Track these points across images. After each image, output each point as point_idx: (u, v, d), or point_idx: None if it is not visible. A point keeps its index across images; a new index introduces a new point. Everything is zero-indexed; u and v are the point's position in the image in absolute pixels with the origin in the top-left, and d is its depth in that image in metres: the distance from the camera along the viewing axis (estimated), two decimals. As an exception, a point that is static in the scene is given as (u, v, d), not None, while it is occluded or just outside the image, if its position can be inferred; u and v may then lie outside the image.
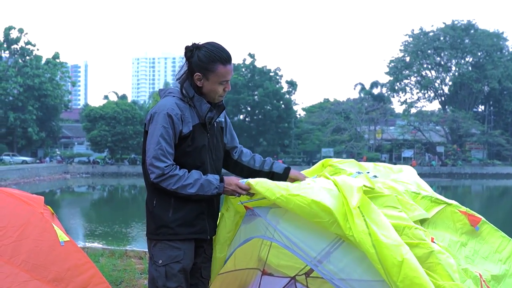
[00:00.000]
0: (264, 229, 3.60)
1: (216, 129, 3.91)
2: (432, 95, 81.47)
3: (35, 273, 4.10)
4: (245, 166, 4.09)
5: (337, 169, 4.00)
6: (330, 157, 39.90)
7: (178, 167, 3.64)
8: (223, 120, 4.05)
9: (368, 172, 4.04)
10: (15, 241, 4.20)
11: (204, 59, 3.69)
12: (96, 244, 14.54)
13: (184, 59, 3.81)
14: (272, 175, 3.96)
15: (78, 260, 4.42)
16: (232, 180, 3.68)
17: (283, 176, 3.98)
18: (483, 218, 3.81)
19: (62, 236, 4.44)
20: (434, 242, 3.31)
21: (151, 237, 3.78)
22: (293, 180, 3.90)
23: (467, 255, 3.59)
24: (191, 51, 3.75)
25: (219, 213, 3.96)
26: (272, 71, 77.70)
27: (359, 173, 3.96)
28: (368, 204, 3.27)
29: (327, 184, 3.45)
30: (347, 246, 3.22)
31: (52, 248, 4.32)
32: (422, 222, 3.57)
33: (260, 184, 3.52)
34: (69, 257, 4.37)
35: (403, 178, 4.00)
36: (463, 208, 3.82)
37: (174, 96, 3.78)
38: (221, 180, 3.67)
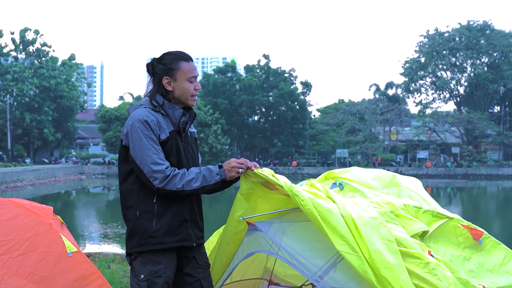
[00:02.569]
0: (267, 245, 3.63)
1: (191, 138, 3.93)
2: (447, 96, 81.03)
3: (42, 284, 4.16)
4: None
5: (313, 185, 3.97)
6: (345, 158, 39.62)
7: (175, 167, 3.68)
8: (195, 131, 4.07)
9: (341, 184, 4.08)
10: (22, 254, 4.26)
11: (167, 62, 3.81)
12: (108, 248, 14.59)
13: (148, 76, 3.90)
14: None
15: (86, 270, 4.47)
16: (230, 161, 3.71)
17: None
18: (485, 232, 3.82)
19: (70, 247, 4.49)
20: (431, 255, 3.34)
21: (134, 250, 3.74)
22: None
23: (471, 268, 3.61)
24: (152, 65, 3.87)
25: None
26: (286, 72, 77.53)
27: (334, 184, 4.01)
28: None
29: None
30: (347, 262, 3.24)
31: (60, 260, 4.37)
32: (423, 236, 3.59)
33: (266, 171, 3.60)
34: (76, 268, 4.42)
35: (405, 193, 4.01)
36: (465, 222, 3.83)
37: (145, 107, 3.79)
38: (220, 167, 3.70)
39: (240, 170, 3.66)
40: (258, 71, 76.98)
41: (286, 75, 76.98)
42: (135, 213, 3.73)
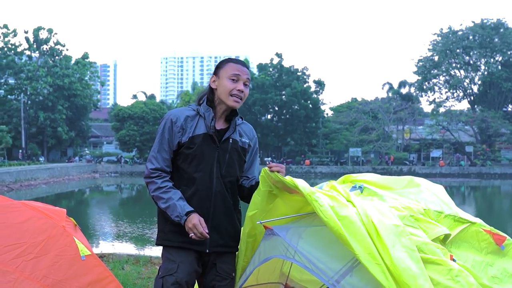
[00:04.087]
0: (284, 249, 3.55)
1: (231, 146, 3.87)
2: (461, 94, 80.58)
3: (55, 288, 4.10)
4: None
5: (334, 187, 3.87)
6: (358, 156, 39.50)
7: (166, 176, 3.76)
8: (247, 141, 4.00)
9: (361, 187, 3.99)
10: (35, 257, 4.20)
11: (219, 63, 3.91)
12: (122, 248, 14.55)
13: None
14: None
15: (99, 274, 4.41)
16: (194, 218, 3.61)
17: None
18: (508, 237, 3.73)
19: (84, 250, 4.43)
20: (454, 260, 3.25)
21: (156, 243, 3.90)
22: None
23: (495, 274, 3.51)
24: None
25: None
26: (299, 70, 77.37)
27: (354, 187, 3.93)
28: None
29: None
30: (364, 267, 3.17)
31: (73, 263, 4.32)
32: (444, 240, 3.50)
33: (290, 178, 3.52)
34: (90, 271, 4.36)
35: (426, 196, 3.91)
36: (488, 227, 3.73)
37: (189, 106, 3.90)
38: (188, 213, 3.63)
39: (191, 234, 3.59)
40: (271, 69, 76.93)
41: (299, 73, 76.83)
42: (159, 208, 3.82)
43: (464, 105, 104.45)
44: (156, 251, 11.54)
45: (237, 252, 3.97)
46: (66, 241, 4.41)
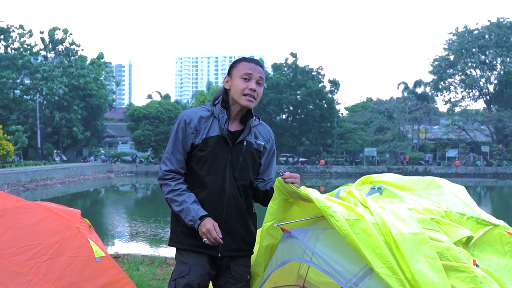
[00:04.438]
0: (301, 252, 3.47)
1: (246, 148, 3.79)
2: (477, 94, 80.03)
3: (69, 290, 4.06)
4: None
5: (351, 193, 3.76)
6: (373, 156, 39.18)
7: (180, 178, 3.70)
8: (263, 143, 3.90)
9: (380, 188, 3.89)
10: (50, 258, 4.17)
11: (232, 63, 3.82)
12: (137, 248, 14.51)
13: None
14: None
15: (114, 276, 4.37)
16: (208, 223, 3.54)
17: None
18: (532, 240, 3.62)
19: (98, 252, 4.39)
20: (477, 265, 3.16)
21: (169, 245, 3.86)
22: None
23: (520, 278, 3.42)
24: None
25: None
26: (314, 70, 77.19)
27: (372, 188, 3.84)
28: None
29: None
30: None
31: (87, 265, 4.28)
32: (467, 243, 3.40)
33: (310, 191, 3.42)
34: (104, 273, 4.32)
35: (447, 198, 3.80)
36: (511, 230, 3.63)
37: (203, 107, 3.82)
38: (202, 218, 3.56)
39: (205, 239, 3.53)
40: (285, 69, 76.84)
41: (314, 73, 76.67)
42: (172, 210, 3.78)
43: (480, 104, 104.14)
44: (171, 252, 11.47)
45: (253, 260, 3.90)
46: (81, 243, 4.38)
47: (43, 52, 74.08)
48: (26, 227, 4.31)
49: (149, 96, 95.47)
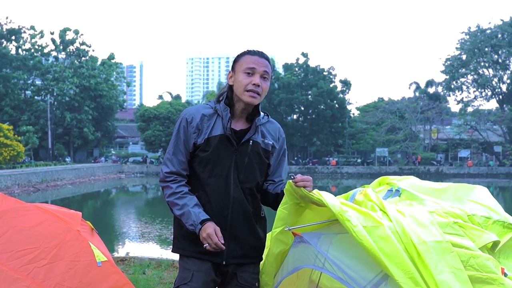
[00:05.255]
0: (313, 258, 3.25)
1: (251, 148, 3.53)
2: (490, 93, 79.50)
3: (69, 297, 3.86)
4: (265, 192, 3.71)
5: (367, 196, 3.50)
6: (385, 157, 38.72)
7: (182, 181, 3.49)
8: (271, 142, 3.63)
9: (398, 190, 3.63)
10: (49, 263, 3.98)
11: (236, 57, 3.59)
12: (144, 251, 14.28)
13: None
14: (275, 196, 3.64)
15: (116, 282, 4.16)
16: (209, 227, 3.31)
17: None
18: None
19: (100, 256, 4.18)
20: (505, 274, 2.93)
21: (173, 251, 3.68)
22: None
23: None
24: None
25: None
26: (325, 70, 77.03)
27: (390, 191, 3.58)
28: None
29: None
30: None
31: (88, 270, 4.08)
32: (493, 248, 3.16)
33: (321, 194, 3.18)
34: (106, 279, 4.12)
35: (474, 197, 3.55)
36: (541, 235, 3.38)
37: (206, 104, 3.58)
38: (203, 222, 3.33)
39: (206, 245, 3.30)
40: (296, 69, 76.70)
41: (325, 73, 76.52)
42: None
43: (493, 104, 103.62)
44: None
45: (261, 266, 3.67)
46: (81, 246, 4.17)
47: (54, 53, 74.24)
48: (24, 230, 4.11)
49: (160, 97, 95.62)
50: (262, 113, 3.61)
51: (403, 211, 3.13)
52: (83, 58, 74.37)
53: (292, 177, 3.27)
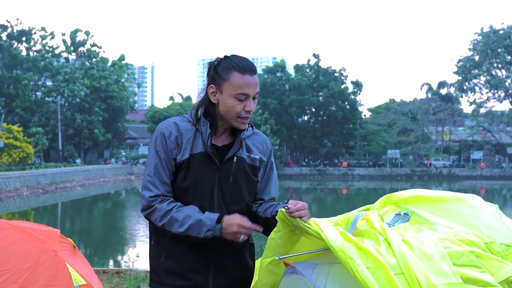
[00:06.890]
0: (308, 290, 2.82)
1: (236, 166, 3.07)
2: (503, 94, 78.74)
3: (42, 326, 3.51)
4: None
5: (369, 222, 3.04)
6: (396, 158, 37.91)
7: (169, 199, 2.97)
8: (258, 157, 3.17)
9: (407, 213, 3.16)
10: (21, 287, 3.61)
11: (219, 68, 3.00)
12: (142, 262, 13.71)
13: (206, 78, 3.12)
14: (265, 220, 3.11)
15: (95, 307, 3.79)
16: (234, 219, 2.89)
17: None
18: None
19: (78, 280, 3.80)
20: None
21: (150, 284, 3.15)
22: None
23: None
24: (211, 66, 3.09)
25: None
26: (337, 71, 76.86)
27: (398, 215, 3.14)
28: None
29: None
30: None
31: (64, 295, 3.70)
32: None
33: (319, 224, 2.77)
34: (84, 305, 3.74)
35: (489, 221, 3.06)
36: None
37: (183, 117, 3.09)
38: (219, 221, 2.90)
39: (241, 238, 2.90)
40: (307, 70, 76.54)
41: (336, 74, 76.32)
42: (151, 240, 3.12)
43: (506, 105, 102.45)
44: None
45: None
46: (58, 269, 3.79)
47: (64, 54, 74.48)
48: (-6, 250, 3.75)
49: (171, 98, 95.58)
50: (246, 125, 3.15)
51: (411, 242, 2.70)
52: (93, 59, 74.48)
53: (286, 208, 2.82)
